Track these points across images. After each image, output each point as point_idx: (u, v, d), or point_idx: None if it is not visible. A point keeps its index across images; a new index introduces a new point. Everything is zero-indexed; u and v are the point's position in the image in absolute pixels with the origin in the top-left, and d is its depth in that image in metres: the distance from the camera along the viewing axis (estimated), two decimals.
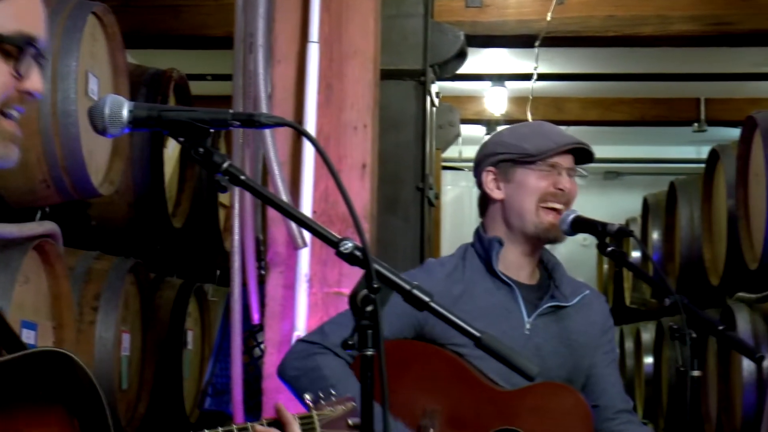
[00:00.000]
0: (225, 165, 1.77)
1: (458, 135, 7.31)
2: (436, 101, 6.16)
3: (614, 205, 11.04)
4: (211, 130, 1.77)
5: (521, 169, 2.91)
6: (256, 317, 3.68)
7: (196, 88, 6.99)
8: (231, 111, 1.78)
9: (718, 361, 5.87)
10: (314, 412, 2.12)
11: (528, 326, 2.90)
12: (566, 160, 2.92)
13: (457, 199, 10.99)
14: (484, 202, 3.04)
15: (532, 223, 2.89)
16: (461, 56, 6.13)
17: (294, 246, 3.55)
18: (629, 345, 8.90)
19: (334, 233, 1.83)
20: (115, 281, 4.46)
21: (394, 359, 2.84)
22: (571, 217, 2.83)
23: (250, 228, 3.66)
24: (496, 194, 2.96)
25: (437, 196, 6.56)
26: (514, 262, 2.95)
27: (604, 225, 2.73)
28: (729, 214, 5.72)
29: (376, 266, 1.77)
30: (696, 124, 9.13)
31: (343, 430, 2.13)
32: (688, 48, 7.53)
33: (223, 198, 5.83)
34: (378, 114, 3.95)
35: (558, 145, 2.89)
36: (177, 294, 5.45)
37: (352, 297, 1.75)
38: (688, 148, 10.52)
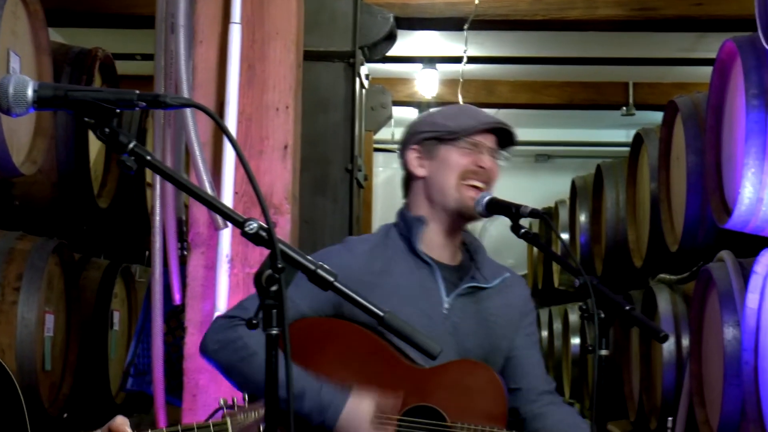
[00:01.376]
0: (131, 145, 1.78)
1: (390, 117, 7.33)
2: (366, 83, 6.18)
3: (544, 188, 11.15)
4: (117, 111, 1.77)
5: (444, 146, 2.95)
6: (177, 297, 3.69)
7: (126, 67, 6.96)
8: (137, 91, 1.79)
9: (641, 342, 5.97)
10: (228, 419, 2.13)
11: (446, 306, 2.93)
12: (489, 140, 2.96)
13: (389, 181, 11.02)
14: (408, 180, 3.07)
15: (453, 199, 2.92)
16: (391, 38, 6.16)
17: (215, 227, 3.56)
18: (557, 326, 9.00)
19: (240, 213, 1.84)
20: (38, 261, 4.43)
21: (314, 336, 2.88)
22: (486, 198, 2.87)
23: (172, 208, 3.66)
24: (419, 171, 3.00)
25: (366, 178, 6.59)
26: (436, 242, 2.99)
27: (517, 207, 2.77)
28: (652, 197, 5.81)
29: (281, 246, 1.79)
30: (624, 108, 9.24)
31: None
32: (617, 33, 7.62)
33: (151, 178, 5.81)
34: (301, 95, 3.96)
35: (480, 123, 2.94)
36: (103, 275, 5.43)
37: (257, 276, 1.77)
38: (617, 132, 10.65)
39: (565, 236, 8.67)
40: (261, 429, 2.19)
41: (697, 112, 5.09)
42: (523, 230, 2.74)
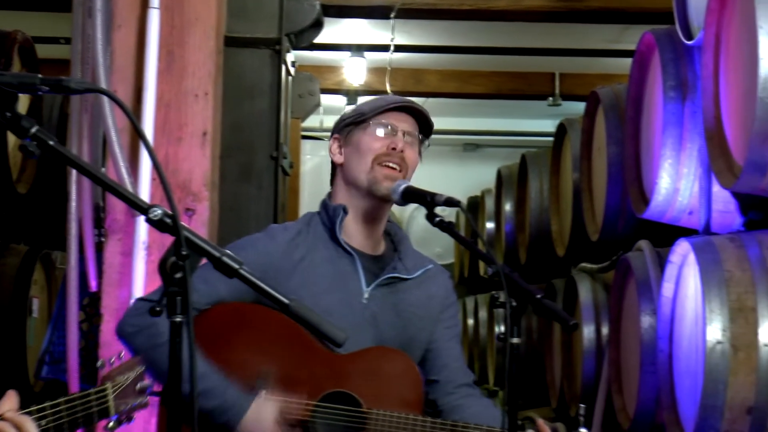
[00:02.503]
0: (33, 130, 1.76)
1: (318, 104, 7.31)
2: (293, 70, 6.17)
3: (472, 177, 11.20)
4: (19, 94, 1.75)
5: (358, 131, 2.97)
6: (93, 284, 3.65)
7: (50, 51, 6.85)
8: (40, 75, 1.77)
9: (562, 330, 6.03)
10: (108, 384, 2.12)
11: (366, 296, 2.94)
12: (404, 123, 2.97)
13: (317, 168, 11.00)
14: (333, 169, 3.09)
15: (366, 180, 2.93)
16: (317, 25, 6.14)
17: (132, 213, 3.54)
18: (483, 314, 9.06)
19: (144, 200, 1.83)
20: None
21: (232, 321, 2.87)
22: (402, 187, 2.88)
23: (88, 195, 3.63)
24: (338, 158, 3.02)
25: (292, 165, 6.57)
26: (358, 231, 3.00)
27: (432, 195, 2.78)
28: (574, 187, 5.87)
29: (186, 233, 1.78)
30: (551, 98, 9.30)
31: (132, 396, 2.15)
32: (544, 23, 7.67)
33: None
34: (221, 82, 3.94)
35: (388, 103, 2.95)
36: (21, 261, 5.36)
37: (162, 263, 1.76)
38: (544, 122, 10.73)
39: (490, 225, 8.73)
40: (137, 388, 2.19)
41: (618, 104, 5.15)
42: (437, 219, 2.75)
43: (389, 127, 2.95)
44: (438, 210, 2.80)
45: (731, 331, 3.55)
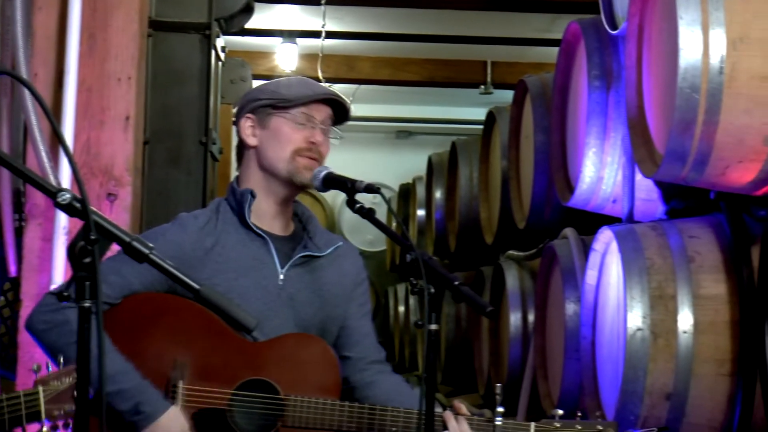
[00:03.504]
0: None
1: None
2: (222, 56, 6.13)
3: (405, 164, 11.22)
4: None
5: (277, 116, 2.94)
6: (13, 269, 3.61)
7: None
8: None
9: (479, 315, 6.05)
10: (40, 388, 2.08)
11: (282, 277, 2.94)
12: (322, 114, 2.95)
13: None
14: (241, 150, 3.05)
15: (285, 170, 2.92)
16: (248, 11, 6.10)
17: None
18: (413, 302, 9.09)
19: (53, 184, 1.81)
20: None
21: (147, 312, 2.85)
22: (323, 173, 2.87)
23: (7, 179, 3.58)
24: (251, 141, 2.99)
25: (222, 151, 6.54)
26: (268, 214, 2.98)
27: (353, 182, 2.78)
28: (503, 175, 5.90)
29: (95, 218, 1.76)
30: (483, 87, 9.34)
31: (68, 402, 2.11)
32: (476, 11, 7.71)
33: None
34: (145, 66, 3.91)
35: (315, 93, 2.93)
36: None
37: (71, 248, 1.74)
38: (476, 110, 10.75)
39: (421, 213, 8.75)
40: (75, 394, 2.15)
41: (546, 92, 5.19)
42: (357, 205, 2.75)
43: (311, 119, 2.94)
44: (369, 196, 2.79)
45: (651, 318, 3.60)
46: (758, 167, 3.35)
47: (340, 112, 3.02)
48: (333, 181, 2.86)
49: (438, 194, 7.76)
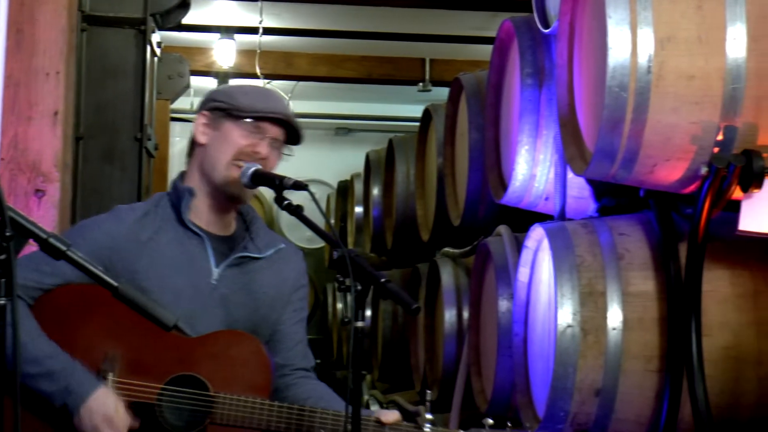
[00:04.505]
0: None
1: (188, 86, 7.25)
2: (158, 51, 6.08)
3: (344, 161, 11.20)
4: None
5: (229, 121, 2.94)
6: None
7: None
8: None
9: (426, 314, 6.08)
10: None
11: (215, 276, 2.93)
12: (274, 131, 2.95)
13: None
14: (192, 146, 3.05)
15: (220, 175, 2.92)
16: (184, 6, 6.07)
17: None
18: (351, 299, 9.07)
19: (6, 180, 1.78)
20: None
21: (79, 303, 2.83)
22: (252, 170, 2.87)
23: None
24: (201, 138, 2.99)
25: (158, 147, 6.49)
26: (206, 212, 2.98)
27: (281, 179, 2.78)
28: (438, 172, 5.91)
29: (11, 214, 1.73)
30: (421, 84, 9.37)
31: None
32: (414, 9, 7.73)
33: None
34: (74, 61, 3.87)
35: (269, 109, 2.93)
36: None
37: None
38: (414, 107, 10.76)
39: (359, 210, 8.75)
40: None
41: (480, 90, 5.20)
42: (286, 202, 2.75)
43: (260, 131, 2.93)
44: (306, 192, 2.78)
45: (581, 315, 3.62)
46: (685, 166, 3.39)
47: (292, 133, 3.01)
48: (261, 178, 2.85)
49: (375, 191, 7.76)
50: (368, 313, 8.20)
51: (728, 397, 3.60)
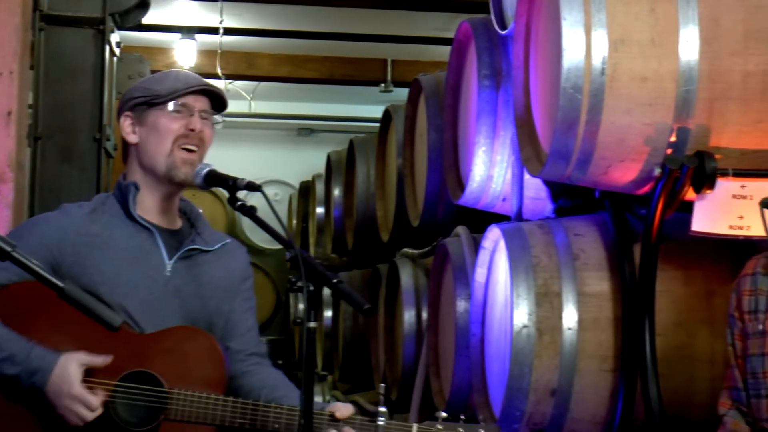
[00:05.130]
0: None
1: None
2: (117, 51, 6.06)
3: (306, 162, 11.19)
4: None
5: (153, 111, 2.94)
6: None
7: None
8: None
9: (386, 315, 6.09)
10: None
11: (169, 269, 2.93)
12: (199, 103, 2.96)
13: None
14: (125, 148, 3.04)
15: (165, 164, 2.91)
16: (143, 6, 6.05)
17: None
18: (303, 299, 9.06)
19: None
20: None
21: (33, 300, 2.81)
22: (205, 171, 2.86)
23: None
24: (132, 138, 2.98)
25: (116, 147, 6.46)
26: (153, 207, 2.98)
27: (234, 180, 2.77)
28: (398, 173, 5.92)
29: None
30: (383, 85, 9.38)
31: None
32: (376, 10, 7.74)
33: None
34: (29, 60, 3.84)
35: (187, 86, 2.93)
36: None
37: None
38: (376, 108, 10.78)
39: (320, 210, 8.75)
40: None
41: (439, 91, 5.22)
42: (239, 203, 2.74)
43: (186, 108, 2.93)
44: (270, 193, 2.79)
45: (537, 316, 3.65)
46: (639, 167, 3.41)
47: (216, 102, 3.02)
48: (215, 179, 2.85)
49: (336, 192, 7.76)
50: (329, 314, 8.21)
51: (682, 397, 3.63)
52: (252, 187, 2.74)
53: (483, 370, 4.14)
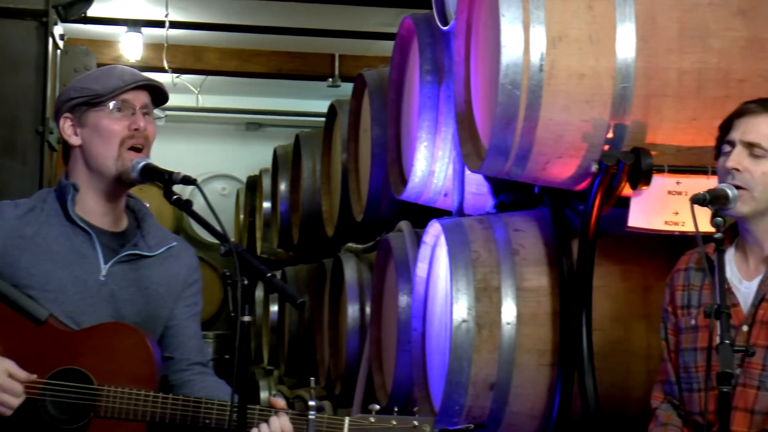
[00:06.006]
0: None
1: None
2: (61, 43, 6.01)
3: (255, 156, 11.16)
4: None
5: (94, 112, 2.90)
6: None
7: None
8: None
9: (330, 309, 6.10)
10: None
11: (104, 272, 2.90)
12: (140, 99, 2.92)
13: None
14: (66, 149, 3.00)
15: (114, 167, 2.88)
16: None
17: None
18: (259, 294, 9.04)
19: None
20: None
21: None
22: (141, 164, 2.84)
23: None
24: (74, 140, 2.93)
25: (60, 141, 6.42)
26: (96, 208, 2.94)
27: (170, 174, 2.76)
28: (342, 168, 5.93)
29: None
30: (331, 80, 9.37)
31: None
32: (324, 4, 7.73)
33: None
34: None
35: (125, 83, 2.90)
36: None
37: None
38: (324, 102, 10.76)
39: (267, 205, 8.74)
40: None
41: (383, 86, 5.23)
42: (174, 197, 2.74)
43: (128, 106, 2.90)
44: (218, 188, 2.77)
45: (476, 310, 3.67)
46: (577, 163, 3.45)
47: (157, 96, 2.99)
48: (151, 172, 2.83)
49: (283, 187, 7.76)
50: (275, 308, 8.20)
51: (619, 391, 3.67)
52: (188, 181, 2.73)
53: (424, 365, 4.16)
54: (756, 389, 2.81)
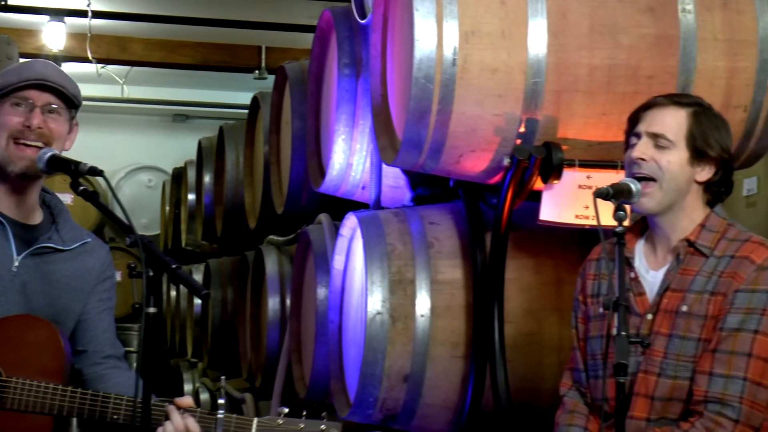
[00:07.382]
0: None
1: None
2: None
3: (181, 148, 11.08)
4: None
5: None
6: None
7: None
8: None
9: (252, 302, 6.09)
10: None
11: (16, 263, 2.89)
12: (43, 99, 2.90)
13: None
14: None
15: (3, 159, 2.87)
16: None
17: None
18: (184, 288, 9.00)
19: None
20: None
21: None
22: (48, 155, 2.83)
23: None
24: None
25: None
26: (5, 199, 2.93)
27: (77, 164, 2.75)
28: (265, 160, 5.92)
29: None
30: (257, 72, 9.33)
31: None
32: None
33: None
34: None
35: (20, 80, 2.88)
36: None
37: None
38: (251, 94, 10.72)
39: (192, 197, 8.69)
40: None
41: (304, 79, 5.23)
42: (81, 188, 2.72)
43: (26, 104, 2.88)
44: (144, 180, 2.75)
45: (390, 303, 3.68)
46: (490, 156, 3.47)
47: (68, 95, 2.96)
48: (57, 163, 2.81)
49: (207, 179, 7.72)
50: (199, 301, 8.16)
51: (530, 383, 3.71)
52: (94, 172, 2.71)
53: (340, 357, 4.17)
54: (657, 376, 2.86)
